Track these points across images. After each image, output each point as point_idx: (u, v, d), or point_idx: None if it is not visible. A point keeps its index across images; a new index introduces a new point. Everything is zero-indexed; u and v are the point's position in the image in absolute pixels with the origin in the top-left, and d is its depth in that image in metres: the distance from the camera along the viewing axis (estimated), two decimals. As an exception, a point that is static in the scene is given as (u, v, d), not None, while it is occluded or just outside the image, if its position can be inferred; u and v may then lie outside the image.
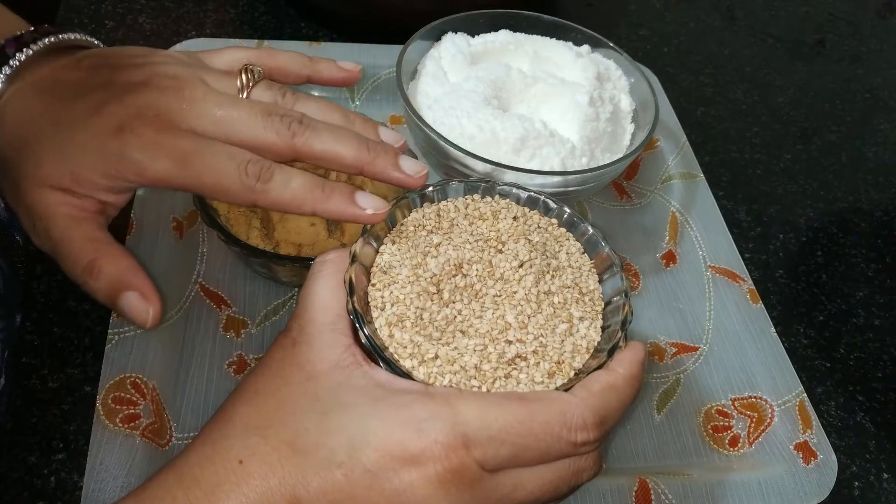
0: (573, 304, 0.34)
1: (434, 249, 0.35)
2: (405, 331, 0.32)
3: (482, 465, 0.27)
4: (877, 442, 0.47)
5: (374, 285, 0.34)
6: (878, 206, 0.62)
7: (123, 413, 0.38)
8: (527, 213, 0.38)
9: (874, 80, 0.75)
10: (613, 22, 0.52)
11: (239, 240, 0.42)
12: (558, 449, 0.28)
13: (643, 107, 0.52)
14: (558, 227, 0.38)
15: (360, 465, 0.27)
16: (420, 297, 0.33)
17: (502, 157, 0.46)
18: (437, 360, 0.31)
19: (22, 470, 0.38)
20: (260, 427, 0.29)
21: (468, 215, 0.37)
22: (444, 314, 0.33)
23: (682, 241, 0.53)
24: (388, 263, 0.34)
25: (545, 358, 0.32)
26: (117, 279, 0.34)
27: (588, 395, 0.30)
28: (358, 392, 0.29)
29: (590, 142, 0.48)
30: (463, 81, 0.49)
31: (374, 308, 0.33)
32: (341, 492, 0.27)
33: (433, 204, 0.37)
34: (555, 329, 0.33)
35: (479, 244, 0.35)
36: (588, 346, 0.33)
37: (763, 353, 0.46)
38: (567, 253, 0.37)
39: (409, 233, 0.35)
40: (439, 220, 0.36)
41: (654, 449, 0.43)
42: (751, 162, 0.63)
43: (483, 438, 0.27)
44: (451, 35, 0.53)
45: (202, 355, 0.42)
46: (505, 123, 0.46)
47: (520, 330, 0.33)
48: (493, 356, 0.32)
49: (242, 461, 0.28)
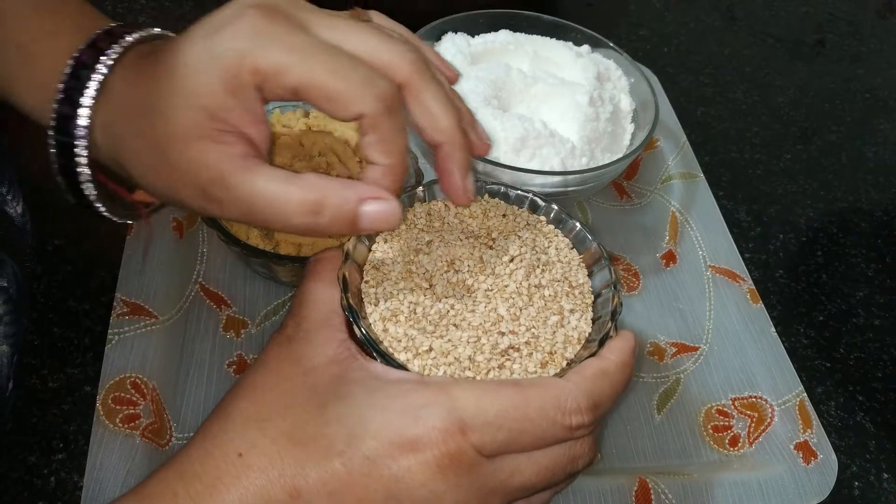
0: (563, 297, 0.35)
1: (426, 246, 0.35)
2: (399, 325, 0.32)
3: (479, 450, 0.28)
4: (877, 442, 0.47)
5: (368, 282, 0.34)
6: (878, 206, 0.62)
7: (123, 413, 0.38)
8: (516, 211, 0.38)
9: (874, 80, 0.75)
10: (613, 22, 0.52)
11: (239, 240, 0.42)
12: (553, 433, 0.28)
13: (643, 107, 0.52)
14: (546, 225, 0.38)
15: (359, 454, 0.27)
16: (413, 293, 0.33)
17: (502, 157, 0.46)
18: (431, 352, 0.32)
19: (22, 470, 0.38)
20: (258, 420, 0.29)
21: (458, 214, 0.37)
22: (437, 308, 0.33)
23: (682, 240, 0.53)
24: (381, 260, 0.35)
25: (537, 349, 0.33)
26: (339, 205, 0.30)
27: (581, 380, 0.30)
28: (354, 384, 0.29)
29: (590, 142, 0.48)
30: (463, 81, 0.49)
31: (368, 304, 0.33)
32: (340, 481, 0.27)
33: (423, 203, 0.37)
34: (546, 321, 0.34)
35: (469, 241, 0.36)
36: (579, 336, 0.34)
37: (763, 353, 0.46)
38: (556, 248, 0.37)
39: (401, 231, 0.36)
40: (430, 219, 0.37)
41: (655, 449, 0.43)
42: (751, 162, 0.63)
43: (480, 423, 0.27)
44: (451, 35, 0.53)
45: (202, 355, 0.42)
46: (505, 123, 0.46)
47: (512, 322, 0.33)
48: (487, 347, 0.32)
49: (242, 454, 0.28)
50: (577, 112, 0.48)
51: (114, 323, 0.41)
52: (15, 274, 0.38)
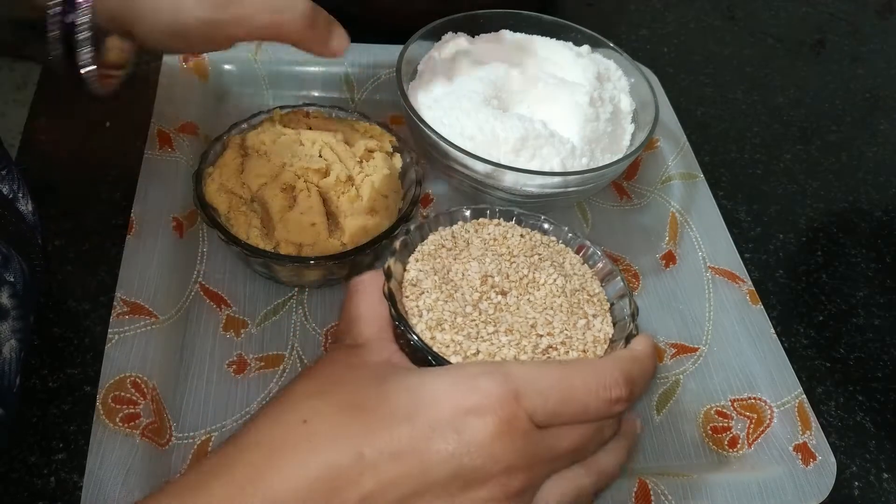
0: (585, 304, 0.38)
1: (457, 263, 0.39)
2: (445, 332, 0.35)
3: (531, 416, 0.29)
4: (877, 442, 0.47)
5: (408, 297, 0.37)
6: (878, 206, 0.62)
7: (123, 412, 0.38)
8: (530, 233, 0.42)
9: (874, 80, 0.74)
10: (613, 22, 0.52)
11: (239, 239, 0.42)
12: (596, 406, 0.31)
13: (643, 107, 0.52)
14: (558, 243, 0.42)
15: (421, 419, 0.28)
16: (451, 303, 0.36)
17: (502, 158, 0.46)
18: (478, 355, 0.34)
19: (22, 470, 0.38)
20: (321, 393, 0.30)
21: (480, 236, 0.41)
22: (476, 317, 0.36)
23: (682, 241, 0.53)
24: (416, 278, 0.38)
25: (573, 348, 0.36)
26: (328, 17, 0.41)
27: (616, 359, 0.33)
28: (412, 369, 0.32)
29: (590, 142, 0.48)
30: (463, 81, 0.49)
31: (413, 316, 0.36)
32: (403, 444, 0.28)
33: (447, 227, 0.41)
34: (576, 324, 0.37)
35: (495, 258, 0.39)
36: (605, 338, 0.37)
37: (762, 355, 0.46)
38: (570, 263, 0.40)
39: (431, 251, 0.39)
40: (455, 240, 0.40)
41: (654, 449, 0.43)
42: (751, 162, 0.63)
43: (531, 392, 0.29)
44: (451, 35, 0.53)
45: (202, 355, 0.42)
46: (505, 124, 0.46)
47: (547, 326, 0.36)
48: (529, 348, 0.35)
49: (306, 421, 0.29)
50: (578, 112, 0.48)
51: (114, 322, 0.41)
52: (22, 270, 0.39)
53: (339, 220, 0.44)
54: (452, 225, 0.41)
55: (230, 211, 0.44)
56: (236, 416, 0.40)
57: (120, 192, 0.50)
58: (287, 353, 0.43)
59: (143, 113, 0.53)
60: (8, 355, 0.37)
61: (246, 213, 0.44)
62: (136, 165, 0.48)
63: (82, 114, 0.56)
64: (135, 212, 0.46)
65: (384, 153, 0.48)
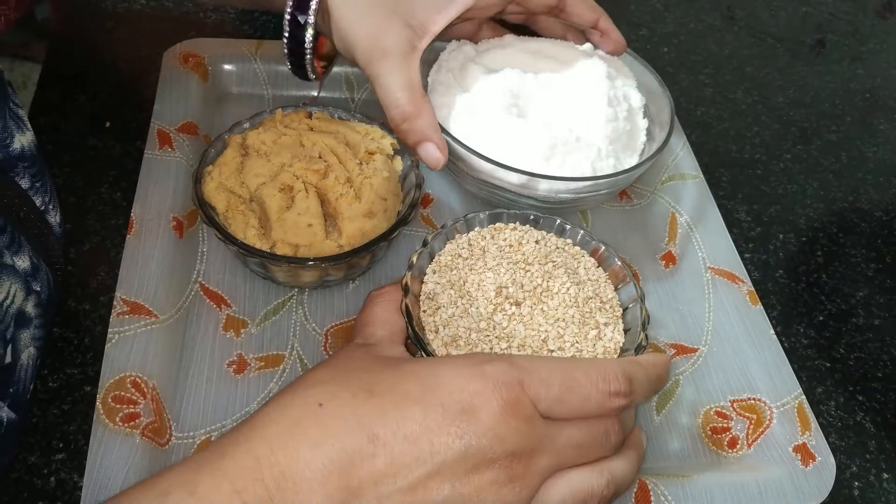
0: (598, 312, 0.39)
1: (472, 275, 0.39)
2: (459, 349, 0.36)
3: (535, 402, 0.31)
4: (877, 442, 0.47)
5: (425, 311, 0.38)
6: (878, 206, 0.62)
7: (123, 412, 0.38)
8: (546, 236, 0.42)
9: (874, 80, 0.74)
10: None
11: (235, 238, 0.42)
12: (597, 399, 0.32)
13: (651, 99, 0.52)
14: (573, 246, 0.42)
15: (432, 402, 0.30)
16: (466, 318, 0.37)
17: (534, 167, 0.45)
18: None
19: (22, 470, 0.38)
20: (337, 379, 0.32)
21: (496, 242, 0.41)
22: (489, 331, 0.37)
23: (682, 242, 0.53)
24: (433, 291, 0.39)
25: None
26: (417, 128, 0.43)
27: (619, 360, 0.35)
28: None
29: (612, 142, 0.48)
30: (479, 91, 0.48)
31: (429, 332, 0.37)
32: (416, 426, 0.29)
33: (464, 234, 0.41)
34: (587, 336, 0.38)
35: (510, 266, 0.40)
36: (615, 347, 0.38)
37: (762, 355, 0.46)
38: (584, 268, 0.41)
39: (448, 262, 0.40)
40: (471, 249, 0.41)
41: (654, 450, 0.43)
42: (751, 162, 0.63)
43: (535, 380, 0.31)
44: (455, 43, 0.52)
45: (202, 355, 0.42)
46: (532, 132, 0.45)
47: (558, 339, 0.37)
48: None
49: (322, 404, 0.30)
50: (598, 113, 0.47)
51: (114, 322, 0.41)
52: (48, 280, 0.40)
53: (338, 222, 0.44)
54: (469, 231, 0.42)
55: (228, 210, 0.44)
56: (236, 416, 0.40)
57: (120, 192, 0.51)
58: (287, 352, 0.43)
59: (143, 113, 0.53)
60: (25, 362, 0.38)
61: (244, 213, 0.44)
62: (136, 165, 0.49)
63: (82, 114, 0.56)
64: (135, 212, 0.46)
65: (385, 155, 0.48)
